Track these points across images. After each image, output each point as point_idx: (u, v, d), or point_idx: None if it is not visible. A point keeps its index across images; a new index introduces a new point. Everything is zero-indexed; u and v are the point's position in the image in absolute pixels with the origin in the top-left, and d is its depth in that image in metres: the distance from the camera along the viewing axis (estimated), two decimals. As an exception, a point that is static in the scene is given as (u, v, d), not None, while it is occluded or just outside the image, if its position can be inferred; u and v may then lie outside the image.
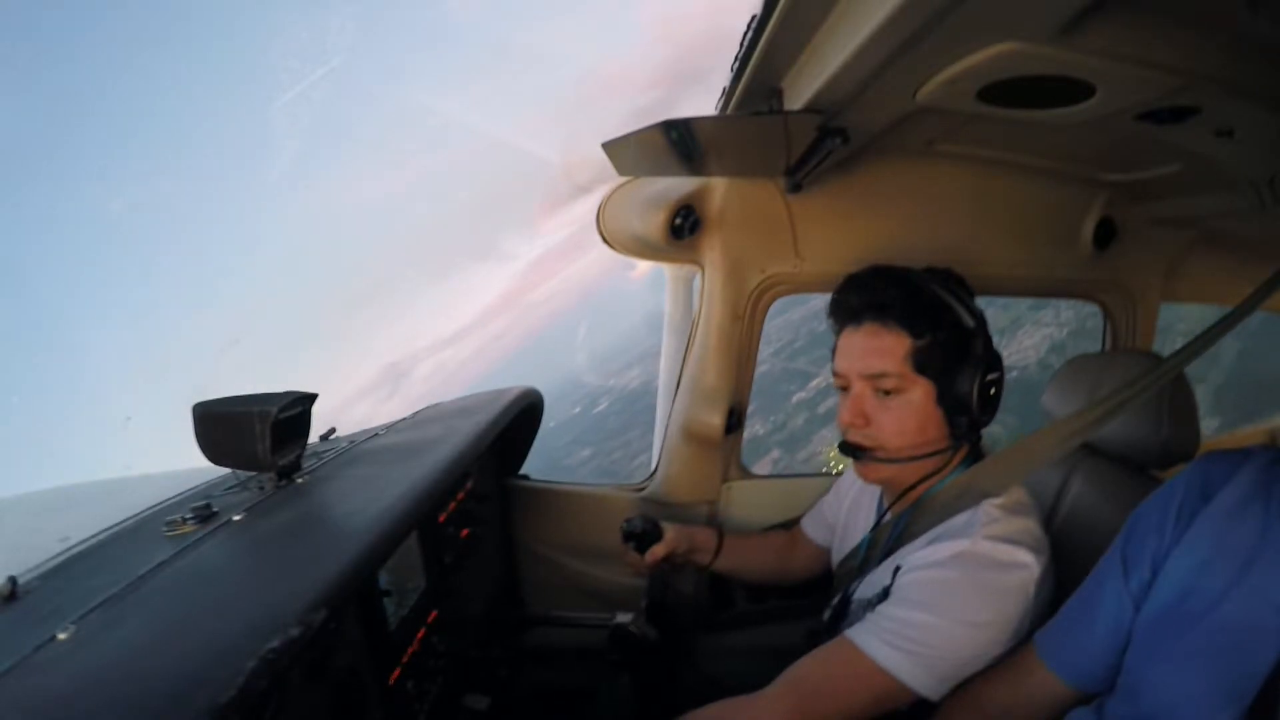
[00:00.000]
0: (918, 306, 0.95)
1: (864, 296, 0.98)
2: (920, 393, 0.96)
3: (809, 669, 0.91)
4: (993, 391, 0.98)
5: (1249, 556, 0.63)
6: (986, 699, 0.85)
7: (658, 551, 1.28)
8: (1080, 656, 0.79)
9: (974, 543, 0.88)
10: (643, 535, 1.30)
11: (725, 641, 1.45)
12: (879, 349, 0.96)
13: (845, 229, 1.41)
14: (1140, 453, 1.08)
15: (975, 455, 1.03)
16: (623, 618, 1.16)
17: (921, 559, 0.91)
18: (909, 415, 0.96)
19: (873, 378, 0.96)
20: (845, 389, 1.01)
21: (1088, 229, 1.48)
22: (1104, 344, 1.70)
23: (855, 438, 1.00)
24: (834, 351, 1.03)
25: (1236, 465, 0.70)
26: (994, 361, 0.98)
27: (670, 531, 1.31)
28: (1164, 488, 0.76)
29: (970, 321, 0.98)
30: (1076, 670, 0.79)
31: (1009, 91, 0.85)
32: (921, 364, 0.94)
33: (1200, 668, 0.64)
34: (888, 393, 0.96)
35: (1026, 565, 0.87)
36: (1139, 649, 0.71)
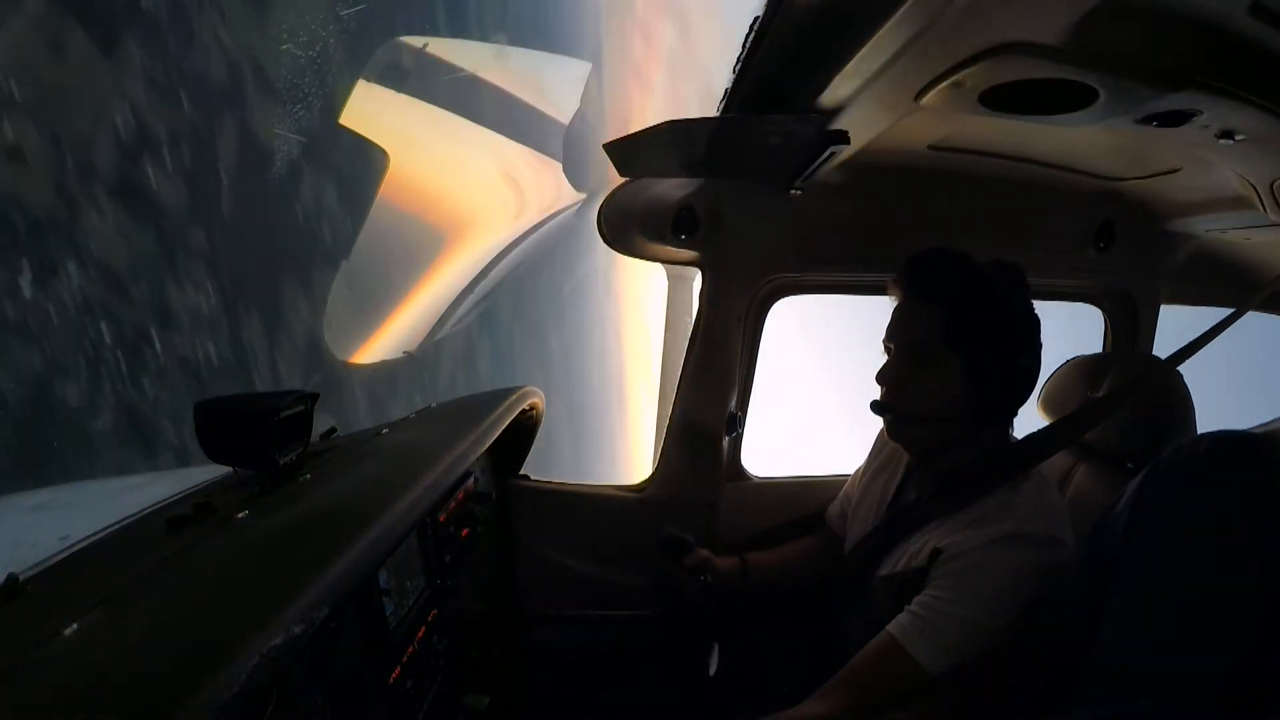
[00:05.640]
0: (960, 284, 1.01)
1: (915, 271, 1.05)
2: (951, 365, 1.00)
3: (867, 682, 0.93)
4: (1022, 378, 1.03)
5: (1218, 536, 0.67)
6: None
7: (699, 554, 1.27)
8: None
9: (1019, 523, 0.91)
10: (680, 544, 1.28)
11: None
12: (915, 318, 1.03)
13: (846, 231, 1.41)
14: (1136, 453, 1.09)
15: (1002, 441, 1.06)
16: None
17: (966, 543, 0.93)
18: (936, 383, 1.01)
19: (908, 345, 1.03)
20: (888, 354, 1.07)
21: (1089, 232, 1.48)
22: (1104, 347, 1.70)
23: (884, 398, 1.07)
24: None
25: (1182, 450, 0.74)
26: (1032, 350, 1.02)
27: (702, 552, 1.29)
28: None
29: (1013, 307, 1.02)
30: None
31: (1011, 96, 0.85)
32: (954, 339, 0.99)
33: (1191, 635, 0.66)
34: (921, 361, 1.01)
35: (1065, 544, 0.91)
36: (1119, 641, 0.72)
